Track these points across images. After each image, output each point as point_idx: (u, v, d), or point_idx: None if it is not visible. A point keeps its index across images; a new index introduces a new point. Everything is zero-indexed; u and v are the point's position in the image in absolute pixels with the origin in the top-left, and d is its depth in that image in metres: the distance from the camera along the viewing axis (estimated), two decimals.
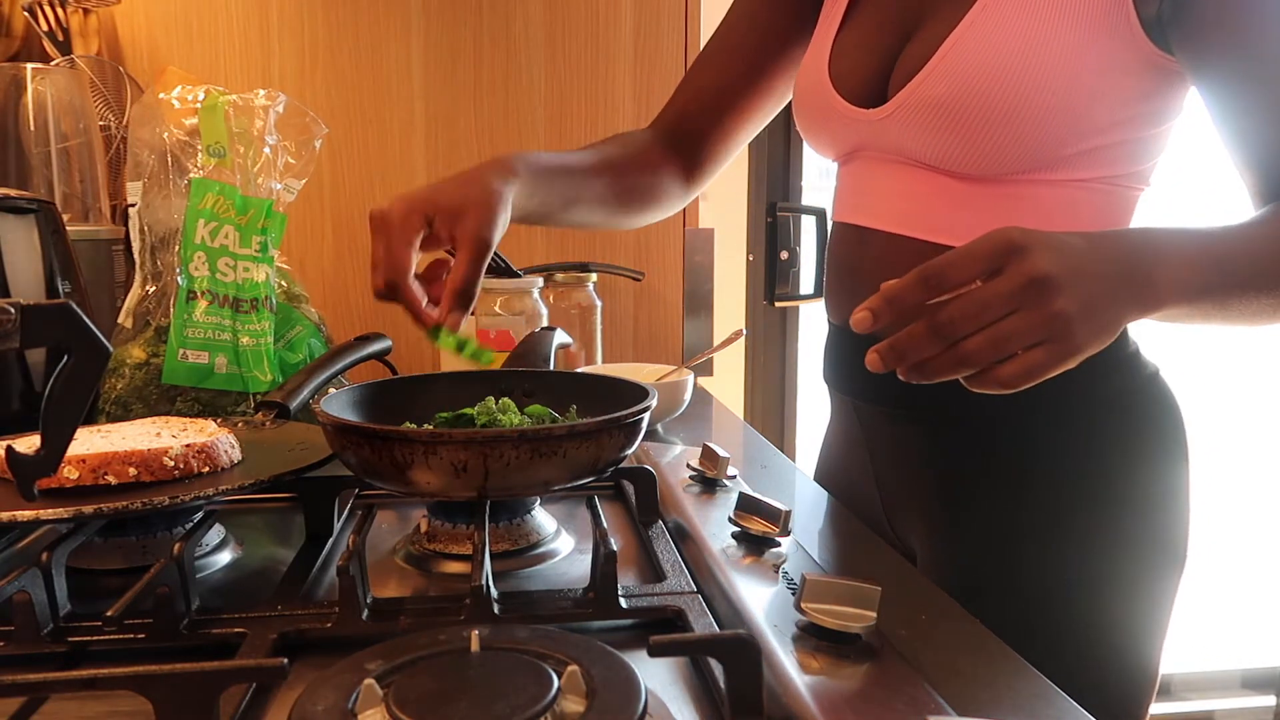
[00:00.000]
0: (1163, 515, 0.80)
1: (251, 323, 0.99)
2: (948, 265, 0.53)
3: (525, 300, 1.18)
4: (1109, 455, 0.79)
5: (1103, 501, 0.78)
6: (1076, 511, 0.78)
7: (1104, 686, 0.77)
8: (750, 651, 0.44)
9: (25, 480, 0.49)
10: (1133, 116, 0.73)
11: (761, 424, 2.03)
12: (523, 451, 0.58)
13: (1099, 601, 0.78)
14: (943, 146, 0.75)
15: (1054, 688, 0.48)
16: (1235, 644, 2.20)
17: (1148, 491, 0.79)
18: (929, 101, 0.74)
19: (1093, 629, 0.78)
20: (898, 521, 0.89)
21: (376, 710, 0.39)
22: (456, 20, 1.44)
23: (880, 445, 0.89)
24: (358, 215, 1.45)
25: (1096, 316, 0.54)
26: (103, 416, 0.95)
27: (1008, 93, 0.70)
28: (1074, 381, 0.75)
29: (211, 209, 0.97)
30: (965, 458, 0.81)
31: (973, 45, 0.71)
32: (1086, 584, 0.78)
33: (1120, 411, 0.79)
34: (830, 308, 0.92)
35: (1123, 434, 0.79)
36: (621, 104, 1.49)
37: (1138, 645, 0.80)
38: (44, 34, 1.24)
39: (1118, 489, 0.79)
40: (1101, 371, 0.76)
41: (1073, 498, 0.78)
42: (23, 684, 0.41)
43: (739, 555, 0.61)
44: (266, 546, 0.73)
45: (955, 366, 0.54)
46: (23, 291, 0.88)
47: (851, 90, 0.82)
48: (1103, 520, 0.78)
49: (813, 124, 0.88)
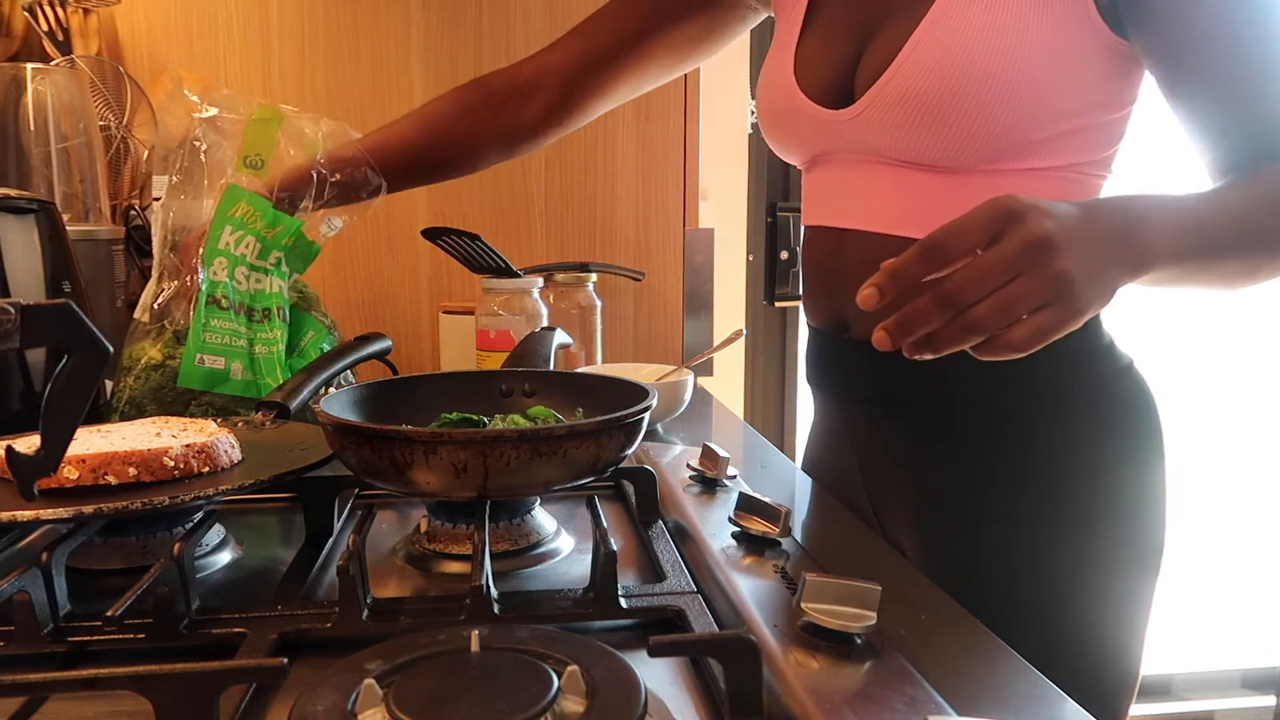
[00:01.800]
0: (1137, 511, 0.80)
1: (265, 331, 0.99)
2: (948, 236, 0.53)
3: (525, 300, 1.18)
4: (1083, 449, 0.79)
5: (1075, 496, 0.79)
6: (1044, 506, 0.79)
7: (1079, 685, 0.78)
8: (750, 651, 0.44)
9: (25, 480, 0.49)
10: (1094, 102, 0.74)
11: (761, 424, 2.03)
12: (523, 451, 0.58)
13: (1071, 598, 0.79)
14: (913, 141, 0.76)
15: (1054, 688, 0.48)
16: (1235, 644, 2.20)
17: (1121, 486, 0.80)
18: (898, 96, 0.75)
19: (1065, 626, 0.78)
20: (885, 518, 0.90)
21: (376, 710, 0.39)
22: (456, 20, 1.44)
23: (865, 445, 0.90)
24: (357, 215, 1.45)
25: (1096, 277, 0.55)
26: (116, 416, 0.95)
27: (973, 82, 0.71)
28: (1048, 373, 0.77)
29: (240, 218, 0.97)
30: (941, 454, 0.82)
31: (937, 38, 0.73)
32: (1058, 581, 0.79)
33: (1094, 405, 0.79)
34: (810, 311, 0.93)
35: (1096, 428, 0.79)
36: (621, 104, 1.48)
37: (1113, 644, 0.80)
38: (44, 34, 1.24)
39: (1091, 484, 0.79)
40: (1075, 362, 0.77)
41: (1042, 491, 0.79)
42: (23, 684, 0.41)
43: (739, 555, 0.61)
44: (266, 546, 0.73)
45: (964, 335, 0.54)
46: (23, 291, 0.88)
47: (818, 93, 0.83)
48: (1075, 516, 0.79)
49: (780, 129, 0.89)
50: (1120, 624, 0.80)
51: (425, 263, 1.48)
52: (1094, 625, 0.79)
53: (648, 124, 1.50)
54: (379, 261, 1.47)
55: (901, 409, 0.84)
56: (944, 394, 0.81)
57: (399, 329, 1.48)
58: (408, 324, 1.48)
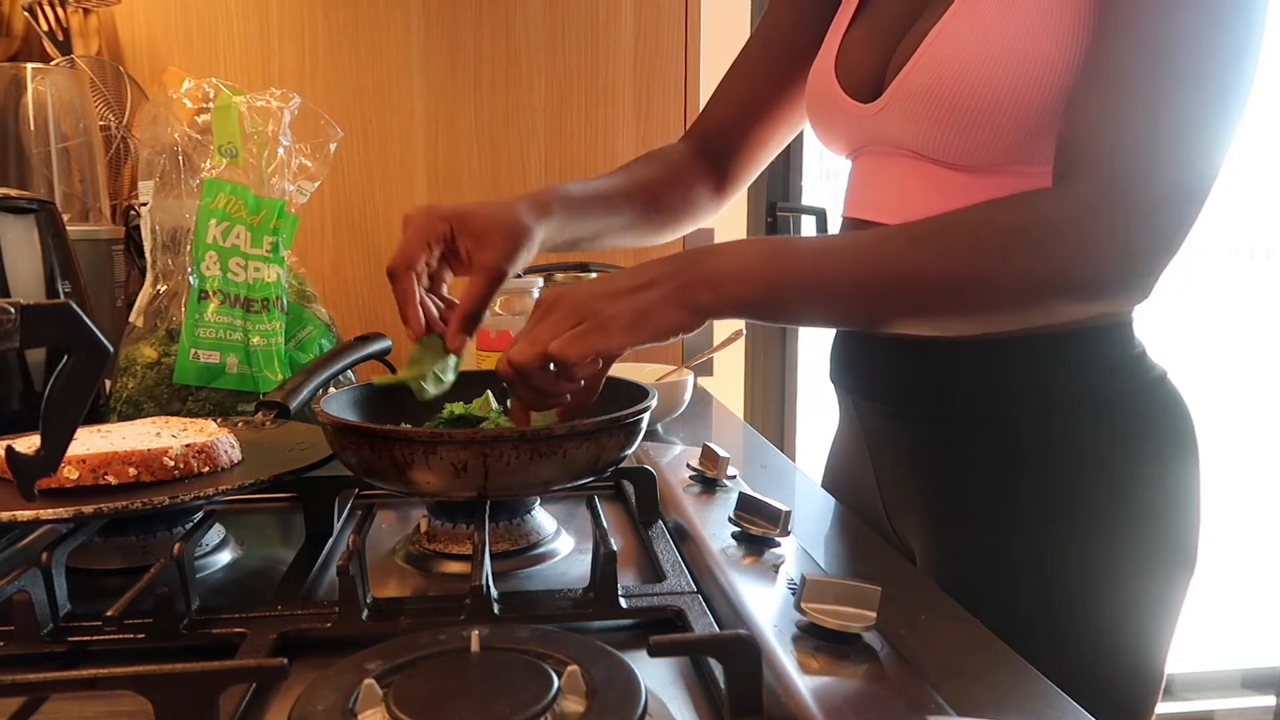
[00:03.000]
0: (1170, 517, 0.79)
1: (262, 323, 0.99)
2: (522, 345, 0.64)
3: (525, 300, 1.18)
4: (1113, 457, 0.78)
5: (1104, 501, 0.78)
6: (1075, 510, 0.78)
7: (1107, 687, 0.77)
8: (750, 651, 0.44)
9: (25, 480, 0.49)
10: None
11: (761, 424, 2.03)
12: (523, 451, 0.58)
13: (1102, 602, 0.78)
14: (933, 137, 0.75)
15: (1054, 688, 0.48)
16: (1235, 644, 2.20)
17: (1154, 493, 0.79)
18: (915, 92, 0.75)
19: (1095, 629, 0.78)
20: (898, 521, 0.89)
21: (376, 710, 0.39)
22: (456, 20, 1.44)
23: (879, 444, 0.89)
24: (357, 216, 1.45)
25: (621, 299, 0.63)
26: (114, 416, 0.95)
27: (987, 80, 0.70)
28: (1073, 381, 0.77)
29: (224, 209, 0.97)
30: (961, 458, 0.81)
31: (954, 35, 0.72)
32: (1089, 584, 0.78)
33: (1123, 413, 0.78)
34: None
35: (1126, 436, 0.78)
36: (621, 104, 1.49)
37: (1142, 646, 0.79)
38: (44, 34, 1.24)
39: (1121, 490, 0.78)
40: (1101, 370, 0.77)
41: (1070, 497, 0.78)
42: (23, 684, 0.41)
43: (739, 555, 0.61)
44: (266, 546, 0.73)
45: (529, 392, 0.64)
46: (23, 291, 0.88)
47: (855, 86, 0.83)
48: (1105, 520, 0.78)
49: (821, 121, 0.90)
50: (1149, 628, 0.79)
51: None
52: (1123, 628, 0.78)
53: (648, 124, 1.50)
54: (379, 261, 1.46)
55: (917, 408, 0.83)
56: (960, 396, 0.80)
57: (399, 329, 1.48)
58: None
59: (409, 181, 1.45)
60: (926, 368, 0.81)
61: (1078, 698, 0.47)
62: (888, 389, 0.85)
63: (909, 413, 0.84)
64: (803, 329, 2.07)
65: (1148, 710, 0.80)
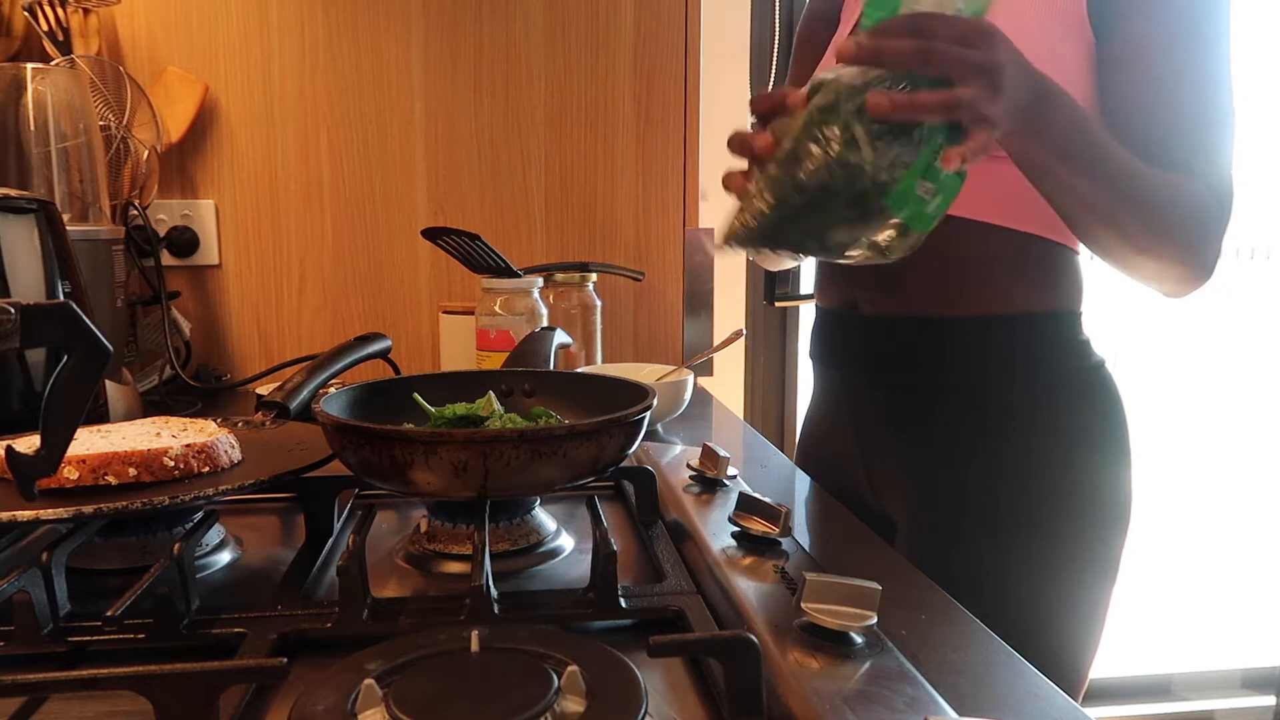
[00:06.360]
0: (1098, 515, 0.85)
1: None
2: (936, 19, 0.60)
3: (525, 300, 1.18)
4: (1052, 441, 0.85)
5: (1045, 492, 0.85)
6: (1024, 503, 0.85)
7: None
8: (750, 651, 0.44)
9: (25, 480, 0.49)
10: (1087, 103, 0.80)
11: (761, 424, 2.03)
12: (523, 451, 0.57)
13: (1027, 590, 0.84)
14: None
15: (1054, 688, 0.48)
16: (1235, 644, 2.20)
17: (1085, 486, 0.85)
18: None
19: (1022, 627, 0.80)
20: (879, 488, 0.96)
21: (376, 710, 0.39)
22: (456, 20, 1.44)
23: (860, 407, 0.97)
24: (357, 215, 1.45)
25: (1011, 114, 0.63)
26: None
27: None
28: (1029, 355, 0.86)
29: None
30: (928, 426, 0.89)
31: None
32: (1016, 572, 0.84)
33: (1064, 396, 0.86)
34: (823, 295, 1.01)
35: (1066, 421, 0.86)
36: (621, 104, 1.49)
37: (1066, 647, 0.85)
38: (44, 34, 1.24)
39: (1059, 480, 0.85)
40: (1052, 346, 0.86)
41: (1019, 483, 0.85)
42: (23, 684, 0.41)
43: (739, 555, 0.61)
44: (266, 546, 0.73)
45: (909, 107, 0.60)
46: (23, 291, 0.87)
47: None
48: (1042, 518, 0.84)
49: None
50: (1076, 628, 0.85)
51: (425, 263, 1.48)
52: (1048, 628, 0.84)
53: (648, 124, 1.50)
54: (379, 261, 1.47)
55: (897, 380, 0.92)
56: (934, 367, 0.89)
57: (399, 329, 1.48)
58: (408, 324, 1.48)
59: (409, 181, 1.45)
60: (895, 344, 0.91)
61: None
62: (865, 361, 0.95)
63: (883, 380, 0.93)
64: (801, 328, 2.07)
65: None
